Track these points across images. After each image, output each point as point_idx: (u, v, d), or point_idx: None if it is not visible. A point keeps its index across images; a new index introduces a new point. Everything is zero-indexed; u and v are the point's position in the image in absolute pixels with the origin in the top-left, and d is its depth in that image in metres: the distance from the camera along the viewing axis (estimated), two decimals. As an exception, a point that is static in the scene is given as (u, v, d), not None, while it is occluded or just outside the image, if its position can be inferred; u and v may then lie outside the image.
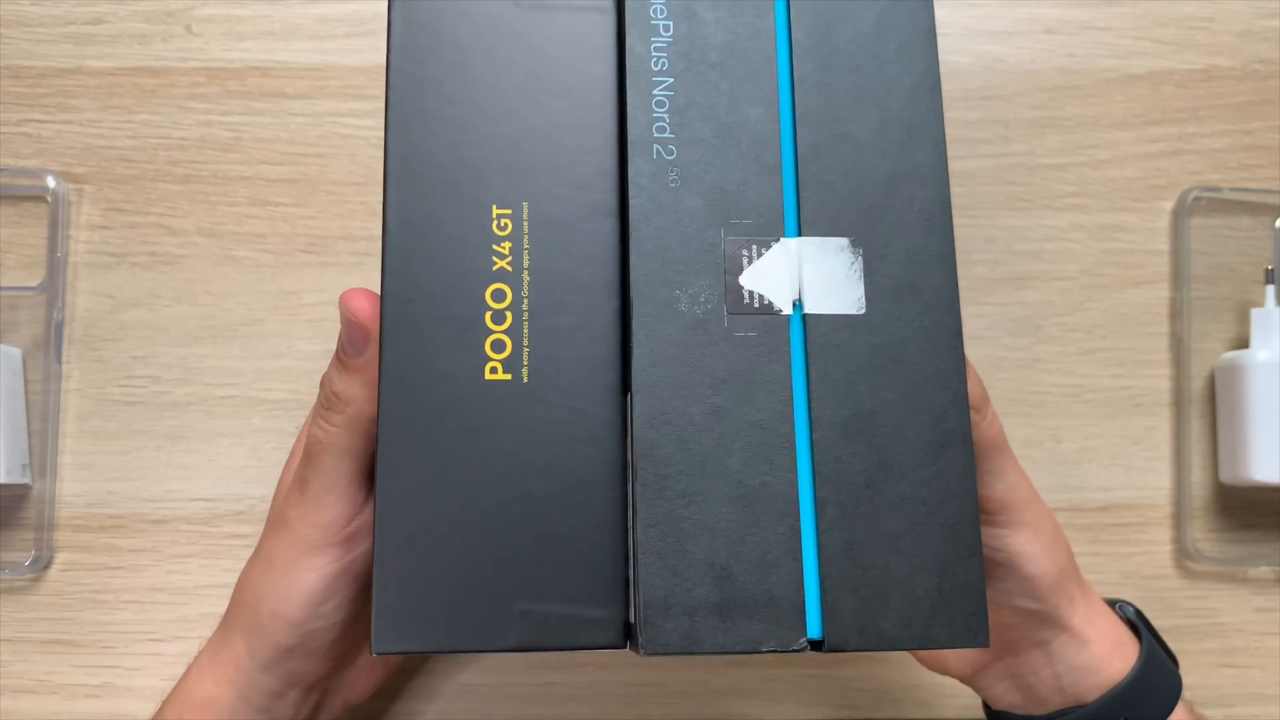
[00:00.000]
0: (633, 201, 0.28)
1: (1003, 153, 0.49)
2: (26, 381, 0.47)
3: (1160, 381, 0.49)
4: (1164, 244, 0.49)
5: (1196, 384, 0.48)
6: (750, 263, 0.28)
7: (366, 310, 0.30)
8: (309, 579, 0.33)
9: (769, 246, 0.28)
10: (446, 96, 0.30)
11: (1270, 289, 0.47)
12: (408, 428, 0.28)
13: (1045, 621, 0.36)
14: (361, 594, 0.35)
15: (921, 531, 0.26)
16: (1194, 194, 0.48)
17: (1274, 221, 0.49)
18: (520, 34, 0.30)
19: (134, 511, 0.47)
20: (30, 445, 0.46)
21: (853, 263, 0.28)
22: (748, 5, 0.30)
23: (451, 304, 0.29)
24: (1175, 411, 0.48)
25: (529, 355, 0.29)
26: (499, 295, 0.29)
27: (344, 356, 0.32)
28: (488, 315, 0.29)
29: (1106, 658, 0.36)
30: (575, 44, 0.30)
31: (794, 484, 0.26)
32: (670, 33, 0.29)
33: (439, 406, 0.28)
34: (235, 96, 0.48)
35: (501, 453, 0.28)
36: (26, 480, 0.46)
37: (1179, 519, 0.48)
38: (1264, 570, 0.48)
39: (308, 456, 0.33)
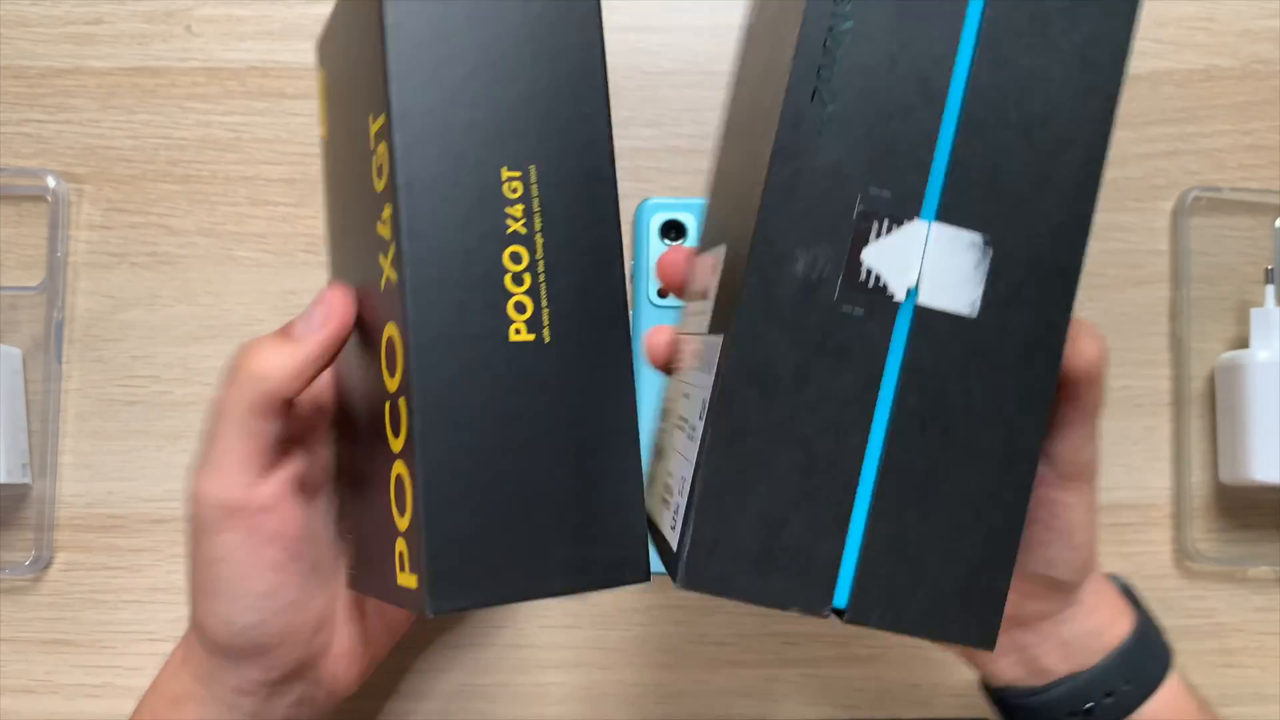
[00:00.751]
0: (780, 140, 0.26)
1: (1002, 153, 0.49)
2: (26, 381, 0.47)
3: (1160, 381, 0.49)
4: (1164, 244, 0.49)
5: (1196, 384, 0.48)
6: (878, 237, 0.26)
7: (346, 300, 0.33)
8: (228, 553, 0.33)
9: (901, 225, 0.26)
10: (448, 56, 0.29)
11: (1270, 289, 0.47)
12: (442, 392, 0.28)
13: (1066, 593, 0.35)
14: (301, 587, 0.35)
15: (966, 534, 0.27)
16: (1194, 194, 0.48)
17: (1274, 221, 0.49)
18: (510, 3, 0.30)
19: (134, 511, 0.47)
20: (30, 445, 0.46)
21: (979, 262, 0.27)
22: None
23: (471, 267, 0.29)
24: (1175, 411, 0.48)
25: (549, 316, 0.30)
26: (516, 258, 0.30)
27: (293, 327, 0.33)
28: (508, 278, 0.29)
29: (1109, 623, 0.36)
30: (564, 18, 0.31)
31: (859, 463, 0.27)
32: None
33: (469, 370, 0.29)
34: (235, 96, 0.48)
35: (530, 412, 0.29)
36: (26, 480, 0.46)
37: (1179, 519, 0.48)
38: (1264, 570, 0.48)
39: (211, 430, 0.33)
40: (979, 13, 0.27)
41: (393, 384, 0.29)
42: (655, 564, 0.30)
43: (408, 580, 0.29)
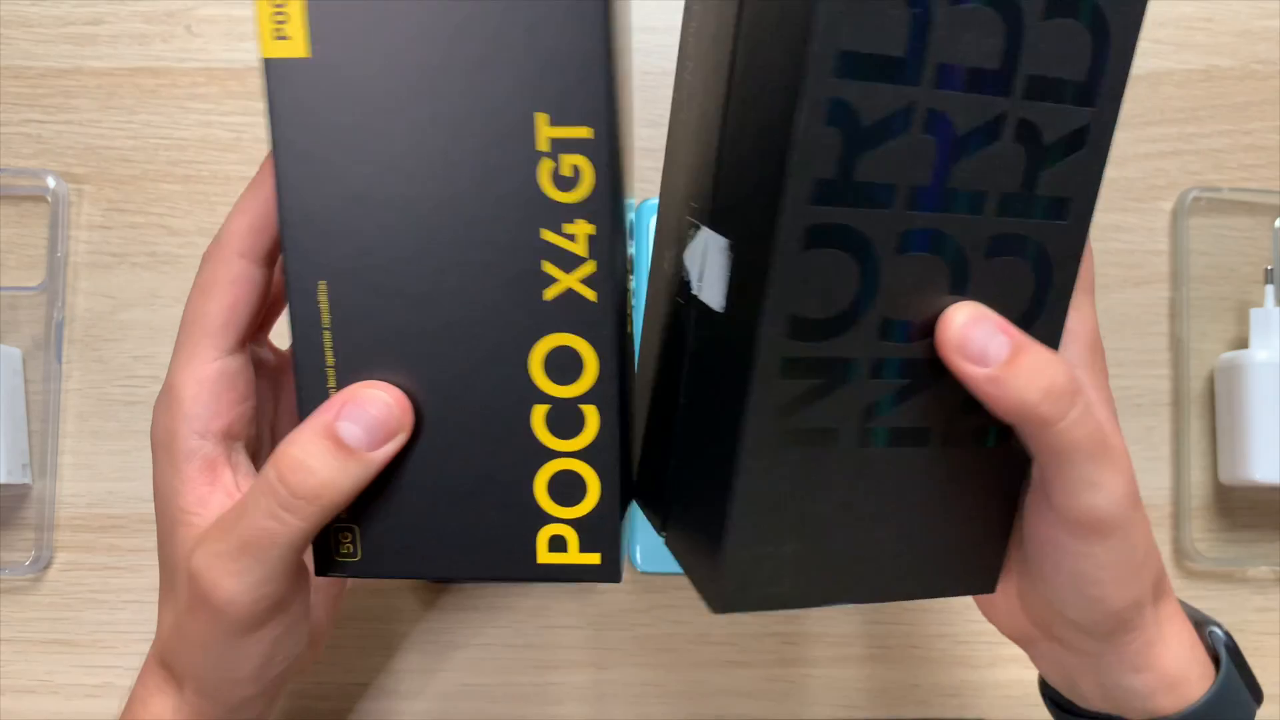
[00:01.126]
0: (664, 172, 0.34)
1: (1002, 153, 0.49)
2: (26, 381, 0.47)
3: (1160, 382, 0.49)
4: (1164, 244, 0.49)
5: (1196, 384, 0.49)
6: (689, 243, 0.31)
7: (409, 406, 0.29)
8: (257, 650, 0.31)
9: (697, 231, 0.31)
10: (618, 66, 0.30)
11: (1270, 289, 0.47)
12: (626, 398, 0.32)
13: (1096, 639, 0.32)
14: (307, 616, 0.33)
15: (715, 496, 0.30)
16: (1193, 194, 0.48)
17: (1274, 221, 0.49)
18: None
19: (134, 511, 0.47)
20: (30, 445, 0.46)
21: (726, 263, 0.28)
22: None
23: (620, 274, 0.31)
24: (1174, 411, 0.48)
25: (632, 310, 0.33)
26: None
27: (344, 428, 0.29)
28: (628, 293, 0.33)
29: (1159, 691, 0.32)
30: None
31: (676, 421, 0.32)
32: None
33: (626, 370, 0.32)
34: (235, 96, 0.48)
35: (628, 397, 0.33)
36: (26, 480, 0.46)
37: (1178, 519, 0.48)
38: (1264, 570, 0.48)
39: (253, 548, 0.29)
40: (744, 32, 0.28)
41: (569, 390, 0.30)
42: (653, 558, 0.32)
43: (582, 558, 0.32)
